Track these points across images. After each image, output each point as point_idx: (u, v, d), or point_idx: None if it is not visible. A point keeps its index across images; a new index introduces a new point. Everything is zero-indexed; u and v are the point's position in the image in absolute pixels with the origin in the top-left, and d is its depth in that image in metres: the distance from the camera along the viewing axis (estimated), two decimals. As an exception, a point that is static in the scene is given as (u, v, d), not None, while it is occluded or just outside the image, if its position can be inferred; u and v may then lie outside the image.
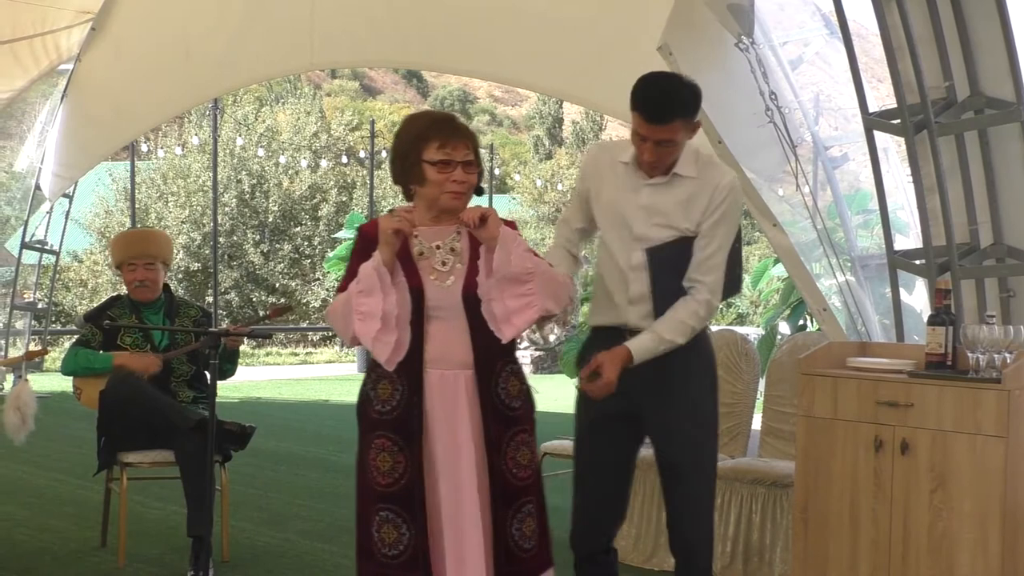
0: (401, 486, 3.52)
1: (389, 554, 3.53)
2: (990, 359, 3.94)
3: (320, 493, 7.27)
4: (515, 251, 3.45)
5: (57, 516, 6.41)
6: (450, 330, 3.53)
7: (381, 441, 3.56)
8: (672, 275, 3.80)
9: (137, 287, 5.64)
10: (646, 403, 3.85)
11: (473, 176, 3.56)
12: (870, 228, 5.73)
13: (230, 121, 25.75)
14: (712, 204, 3.77)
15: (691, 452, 3.89)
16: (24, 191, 12.00)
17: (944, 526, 3.95)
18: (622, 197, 3.87)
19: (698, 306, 3.77)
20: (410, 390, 3.52)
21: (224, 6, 8.93)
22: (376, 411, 3.58)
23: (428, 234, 3.58)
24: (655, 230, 3.80)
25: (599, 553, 4.08)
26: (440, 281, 3.54)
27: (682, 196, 3.80)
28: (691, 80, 3.80)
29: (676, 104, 3.71)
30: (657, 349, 3.75)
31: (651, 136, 3.71)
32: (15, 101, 11.03)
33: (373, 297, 3.44)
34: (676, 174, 3.80)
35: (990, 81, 4.46)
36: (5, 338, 12.52)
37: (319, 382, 15.20)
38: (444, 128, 3.54)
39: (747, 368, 5.75)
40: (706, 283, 3.78)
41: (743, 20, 5.14)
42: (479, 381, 3.55)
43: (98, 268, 23.85)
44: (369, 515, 3.59)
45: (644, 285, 3.82)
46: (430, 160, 3.51)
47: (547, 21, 7.92)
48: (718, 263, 3.80)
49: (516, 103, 65.82)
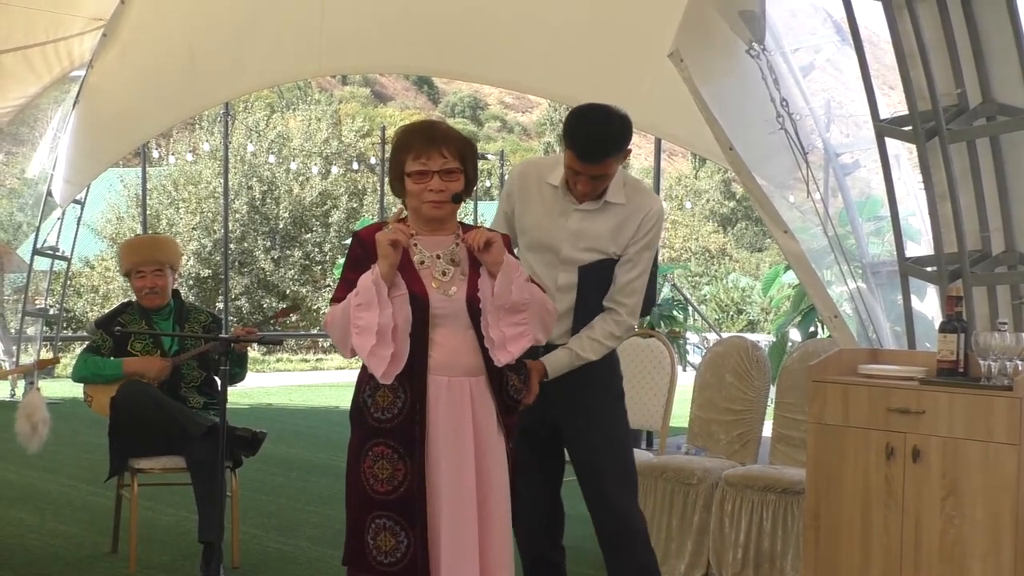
0: (400, 494, 3.49)
1: (385, 561, 3.50)
2: (1002, 366, 3.93)
3: (330, 499, 7.27)
4: (516, 281, 3.49)
5: (68, 522, 6.43)
6: (456, 337, 3.53)
7: (380, 448, 3.52)
8: (596, 295, 3.98)
9: (147, 294, 5.64)
10: (557, 414, 4.01)
11: (454, 183, 3.52)
12: (881, 235, 5.72)
13: (241, 127, 25.82)
14: (641, 231, 3.94)
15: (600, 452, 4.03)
16: (36, 197, 12.05)
17: (956, 533, 3.94)
18: (549, 221, 3.98)
19: (615, 327, 3.96)
20: (412, 397, 3.50)
21: (233, 12, 8.95)
22: (374, 418, 3.53)
23: (427, 243, 3.58)
24: (583, 254, 3.95)
25: (548, 553, 4.21)
26: (443, 290, 3.53)
27: (612, 223, 3.93)
28: (621, 111, 3.88)
29: (609, 144, 3.83)
30: (572, 365, 3.94)
31: (585, 172, 3.84)
32: (28, 108, 11.06)
33: (370, 311, 3.41)
34: (607, 202, 3.93)
35: (1002, 88, 4.46)
36: (17, 344, 12.55)
37: (330, 388, 15.20)
38: (420, 138, 3.53)
39: (758, 375, 5.74)
40: (627, 305, 3.97)
41: (754, 26, 5.14)
42: (491, 386, 3.57)
43: (109, 274, 23.91)
44: (363, 522, 3.54)
45: (569, 303, 3.98)
46: (408, 171, 3.52)
47: (558, 28, 7.94)
48: (639, 287, 3.98)
49: (526, 109, 65.83)
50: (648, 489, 5.56)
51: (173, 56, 9.44)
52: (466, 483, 3.50)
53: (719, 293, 24.47)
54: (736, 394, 5.75)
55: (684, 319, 11.85)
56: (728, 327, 20.84)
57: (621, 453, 4.07)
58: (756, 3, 5.10)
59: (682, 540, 5.46)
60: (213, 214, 24.37)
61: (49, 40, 9.65)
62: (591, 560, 5.71)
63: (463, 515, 3.50)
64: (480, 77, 10.13)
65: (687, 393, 6.06)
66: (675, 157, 52.54)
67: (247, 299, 25.09)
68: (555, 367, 3.90)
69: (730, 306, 23.41)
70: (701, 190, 44.87)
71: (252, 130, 26.27)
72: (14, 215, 24.31)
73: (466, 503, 3.50)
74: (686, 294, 19.99)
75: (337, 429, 10.84)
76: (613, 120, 3.84)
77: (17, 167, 11.77)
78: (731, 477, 5.35)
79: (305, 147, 27.52)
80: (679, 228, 37.74)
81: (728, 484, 5.33)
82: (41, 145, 11.95)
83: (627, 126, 3.88)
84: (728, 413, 5.79)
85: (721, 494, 5.35)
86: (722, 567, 5.32)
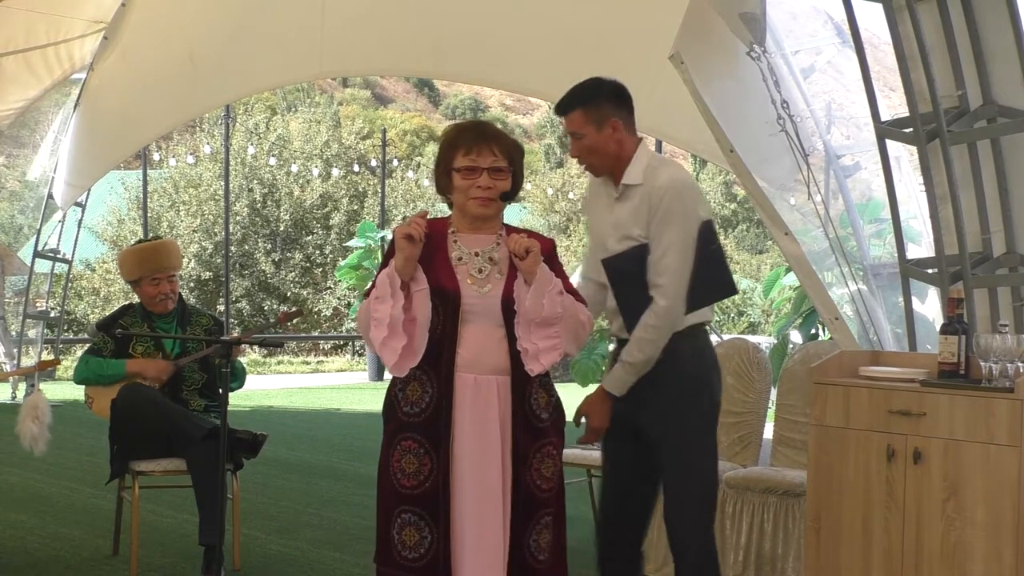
0: (426, 489, 3.49)
1: (409, 557, 3.50)
2: (1003, 368, 3.93)
3: (331, 501, 7.27)
4: (548, 296, 3.48)
5: (69, 524, 6.42)
6: (486, 335, 3.52)
7: (408, 443, 3.52)
8: (632, 286, 3.86)
9: (161, 300, 5.63)
10: (636, 410, 3.92)
11: (502, 182, 3.55)
12: (882, 237, 5.72)
13: (241, 130, 25.80)
14: (653, 206, 3.81)
15: (671, 455, 3.92)
16: (37, 200, 12.06)
17: (957, 536, 3.93)
18: (598, 216, 4.00)
19: (650, 316, 3.80)
20: (440, 392, 3.50)
21: (233, 15, 8.96)
22: (404, 412, 3.54)
23: (468, 240, 3.59)
24: (619, 244, 3.89)
25: (625, 551, 4.12)
26: (477, 287, 3.53)
27: (632, 204, 3.87)
28: (610, 79, 3.92)
29: (574, 95, 3.88)
30: (627, 376, 3.85)
31: (566, 129, 3.91)
32: (29, 110, 11.07)
33: (385, 304, 3.45)
34: (625, 184, 3.89)
35: (1003, 90, 4.45)
36: (18, 346, 12.55)
37: (331, 390, 15.19)
38: (471, 134, 3.57)
39: (759, 377, 5.74)
40: (660, 286, 3.79)
41: (755, 29, 5.14)
42: (514, 389, 3.54)
43: (110, 276, 23.87)
44: (389, 517, 3.54)
45: (612, 299, 3.94)
46: (457, 167, 3.54)
47: (558, 30, 7.94)
48: (669, 264, 3.78)
49: (527, 112, 65.83)
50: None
51: (174, 59, 9.45)
52: (491, 482, 3.48)
53: (720, 295, 24.34)
54: (737, 396, 5.75)
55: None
56: (729, 329, 20.81)
57: (680, 471, 3.92)
58: (757, 5, 5.10)
59: (683, 542, 5.45)
60: (214, 216, 24.34)
61: (50, 43, 9.66)
62: (591, 561, 5.71)
63: (488, 514, 3.47)
64: (481, 79, 10.14)
65: (688, 395, 6.05)
66: (676, 159, 52.57)
67: (248, 301, 25.06)
68: (615, 386, 3.86)
69: (731, 308, 23.36)
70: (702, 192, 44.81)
71: (253, 132, 26.25)
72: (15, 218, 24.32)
73: (491, 502, 3.47)
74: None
75: (338, 432, 10.85)
76: (587, 80, 3.91)
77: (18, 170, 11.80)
78: (732, 479, 5.34)
79: (306, 149, 27.49)
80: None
81: (729, 486, 5.33)
82: (42, 148, 11.96)
83: (599, 85, 3.90)
84: (729, 415, 5.79)
85: (722, 496, 5.34)
86: (723, 569, 5.31)
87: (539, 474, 3.57)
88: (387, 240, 16.53)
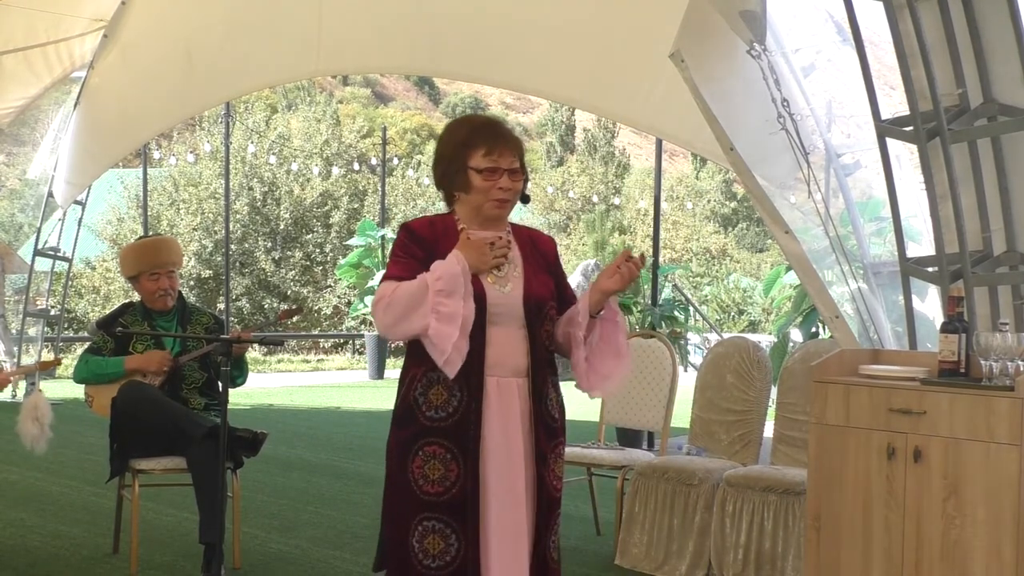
0: (453, 495, 3.38)
1: (433, 565, 3.39)
2: (1003, 367, 3.93)
3: (332, 500, 7.27)
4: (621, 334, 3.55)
5: (70, 523, 6.42)
6: (509, 336, 3.45)
7: (432, 448, 3.39)
8: None
9: (161, 296, 5.63)
10: None
11: (519, 184, 3.49)
12: (882, 235, 5.71)
13: (242, 128, 25.83)
14: None
15: None
16: (37, 198, 12.08)
17: (957, 534, 3.93)
18: None
19: None
20: (469, 396, 3.40)
21: (233, 12, 8.95)
22: (427, 417, 3.41)
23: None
24: None
25: None
26: (499, 286, 3.46)
27: None
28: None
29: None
30: None
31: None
32: (29, 109, 11.07)
33: (454, 299, 3.31)
34: None
35: (1003, 88, 4.45)
36: (18, 345, 12.55)
37: (331, 389, 15.20)
38: (490, 134, 3.49)
39: (759, 375, 5.75)
40: None
41: (755, 27, 5.13)
42: (533, 391, 3.48)
43: (110, 275, 23.91)
44: (407, 525, 3.43)
45: None
46: (476, 167, 3.45)
47: (559, 29, 7.93)
48: None
49: (528, 110, 65.87)
50: (649, 490, 5.56)
51: (174, 57, 9.43)
52: (516, 486, 3.42)
53: (720, 294, 24.45)
54: (737, 395, 5.76)
55: (685, 320, 11.87)
56: (729, 328, 20.84)
57: None
58: (757, 3, 5.10)
59: (683, 540, 5.46)
60: (214, 215, 24.38)
61: (50, 41, 9.65)
62: (591, 560, 5.72)
63: (515, 517, 3.41)
64: (481, 78, 10.10)
65: (688, 394, 6.06)
66: (676, 158, 52.58)
67: (248, 300, 25.10)
68: None
69: (731, 307, 23.40)
70: (702, 191, 44.87)
71: (253, 131, 26.28)
72: (15, 216, 24.34)
73: (518, 505, 3.42)
74: (687, 294, 20.01)
75: (339, 430, 10.85)
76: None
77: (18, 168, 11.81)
78: (732, 477, 5.35)
79: (306, 148, 27.53)
80: (680, 229, 37.75)
81: (729, 484, 5.33)
82: (42, 146, 11.95)
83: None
84: (729, 414, 5.80)
85: (722, 494, 5.35)
86: (723, 568, 5.32)
87: (554, 474, 3.54)
88: (387, 239, 16.53)
